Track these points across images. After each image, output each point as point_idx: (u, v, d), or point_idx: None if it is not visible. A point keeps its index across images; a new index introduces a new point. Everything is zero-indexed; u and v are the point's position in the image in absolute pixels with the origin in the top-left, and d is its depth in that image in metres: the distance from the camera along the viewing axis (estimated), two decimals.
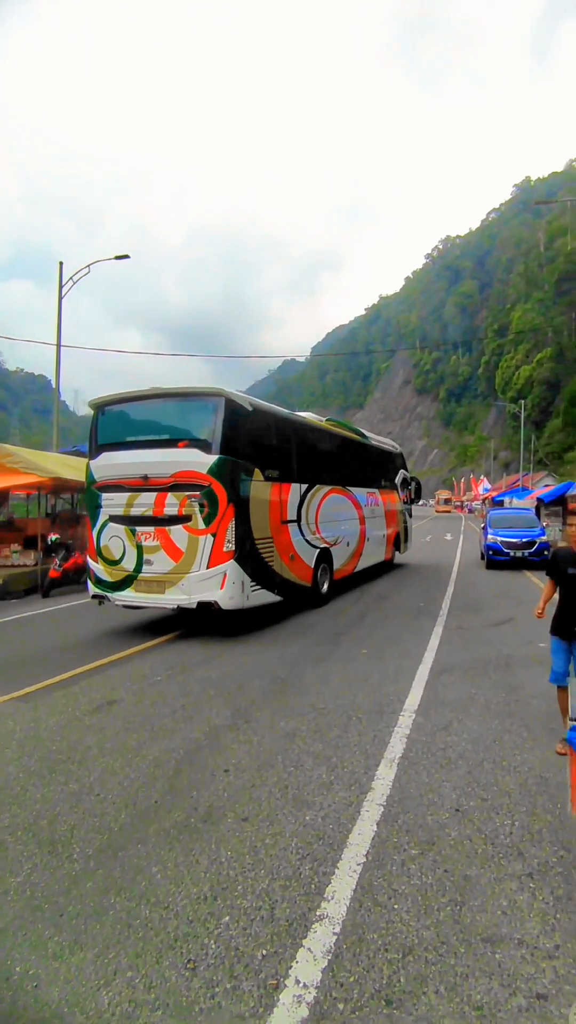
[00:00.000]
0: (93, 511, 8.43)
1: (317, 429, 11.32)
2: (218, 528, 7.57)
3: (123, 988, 2.14)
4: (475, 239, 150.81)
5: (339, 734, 4.61)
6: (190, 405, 8.27)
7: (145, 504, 7.88)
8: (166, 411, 8.42)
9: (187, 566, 7.67)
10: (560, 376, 67.74)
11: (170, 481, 7.73)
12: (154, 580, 7.87)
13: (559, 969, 2.24)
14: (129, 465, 8.06)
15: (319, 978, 2.19)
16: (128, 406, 8.68)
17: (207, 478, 7.58)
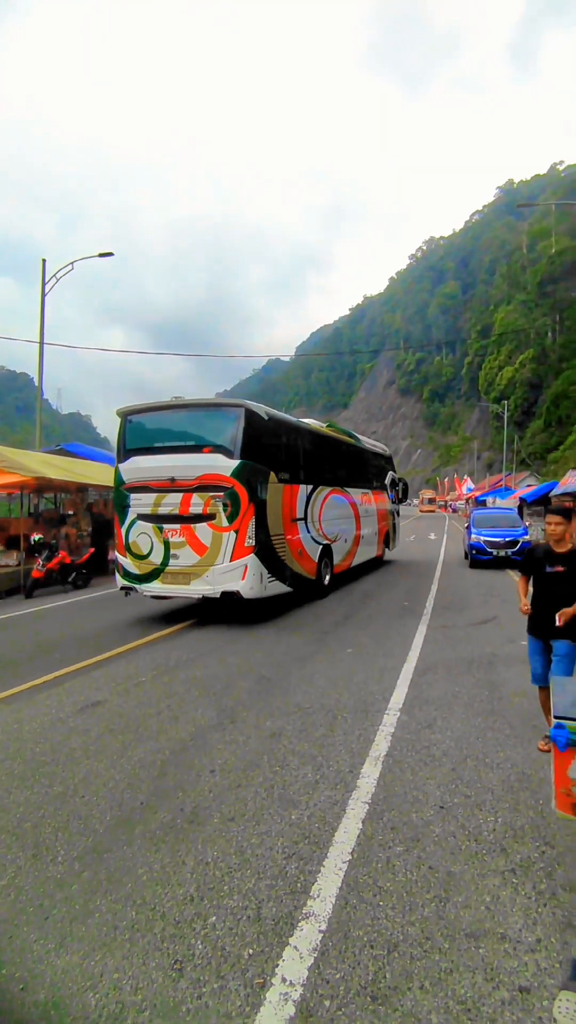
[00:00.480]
0: (121, 510, 9.11)
1: (321, 435, 12.09)
2: (240, 525, 8.33)
3: (110, 989, 2.14)
4: (459, 240, 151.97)
5: (324, 733, 4.63)
6: (214, 415, 9.15)
7: (172, 504, 8.63)
8: (191, 420, 9.19)
9: (211, 560, 8.40)
10: (542, 377, 68.53)
11: (196, 483, 8.48)
12: (180, 572, 8.58)
13: (541, 962, 2.28)
14: (157, 468, 8.79)
15: (305, 976, 2.20)
16: (154, 415, 9.47)
17: (230, 480, 8.34)
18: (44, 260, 19.88)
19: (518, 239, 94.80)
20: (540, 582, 4.35)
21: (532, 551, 4.48)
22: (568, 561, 4.23)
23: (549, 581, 4.28)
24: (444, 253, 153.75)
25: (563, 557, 4.25)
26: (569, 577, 4.19)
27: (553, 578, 4.25)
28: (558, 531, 4.27)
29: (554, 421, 59.29)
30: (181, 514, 8.57)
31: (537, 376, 69.66)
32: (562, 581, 4.20)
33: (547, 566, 4.28)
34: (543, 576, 4.31)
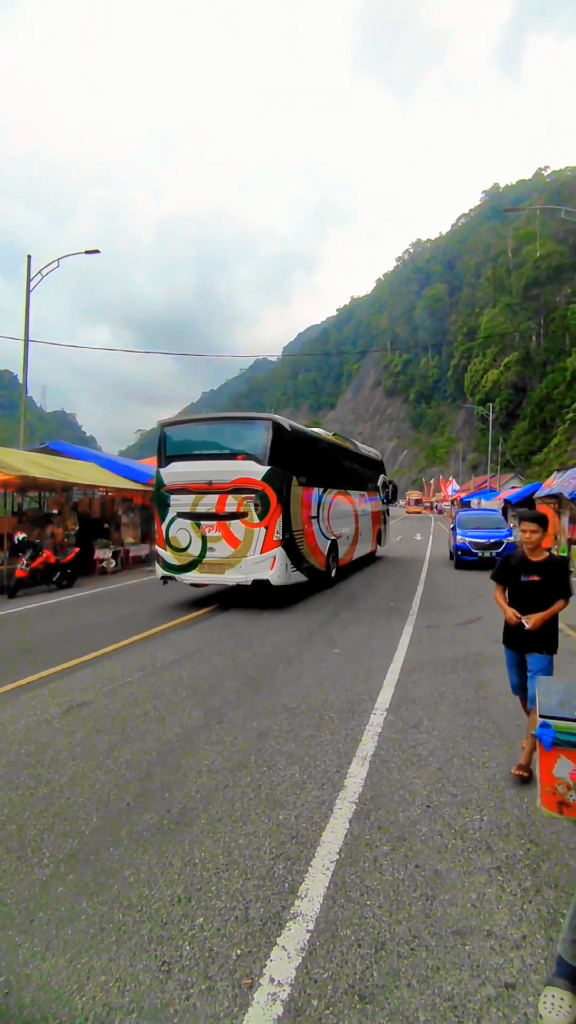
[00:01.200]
0: (162, 509, 10.29)
1: (331, 444, 13.81)
2: (269, 523, 9.64)
3: (96, 992, 2.12)
4: (445, 243, 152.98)
5: (311, 733, 4.64)
6: (246, 427, 10.44)
7: (209, 504, 9.85)
8: (225, 431, 10.60)
9: (244, 552, 9.67)
10: (527, 380, 69.26)
11: (231, 486, 9.74)
12: (216, 563, 9.81)
13: (526, 958, 2.30)
14: (195, 473, 10.01)
15: (293, 976, 2.20)
16: (192, 426, 11.06)
17: (261, 484, 9.64)
18: (29, 256, 19.69)
19: (503, 243, 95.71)
20: (515, 592, 4.11)
21: (507, 560, 4.23)
22: (544, 570, 4.00)
23: (524, 591, 4.04)
24: (431, 256, 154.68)
25: (539, 566, 4.01)
26: (545, 587, 3.98)
27: (528, 588, 4.03)
28: (533, 539, 4.00)
29: (538, 424, 59.96)
30: (217, 512, 9.80)
31: (522, 379, 70.39)
32: (538, 591, 3.99)
33: (522, 575, 4.05)
34: (518, 586, 4.08)
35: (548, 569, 4.00)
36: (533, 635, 3.97)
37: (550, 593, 3.96)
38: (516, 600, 4.09)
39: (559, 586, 3.96)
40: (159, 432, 10.80)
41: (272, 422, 10.02)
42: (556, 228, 73.04)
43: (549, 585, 3.97)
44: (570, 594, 3.93)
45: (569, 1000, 2.02)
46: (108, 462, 18.65)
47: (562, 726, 2.50)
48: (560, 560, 4.11)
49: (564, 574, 4.00)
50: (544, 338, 69.65)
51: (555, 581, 3.97)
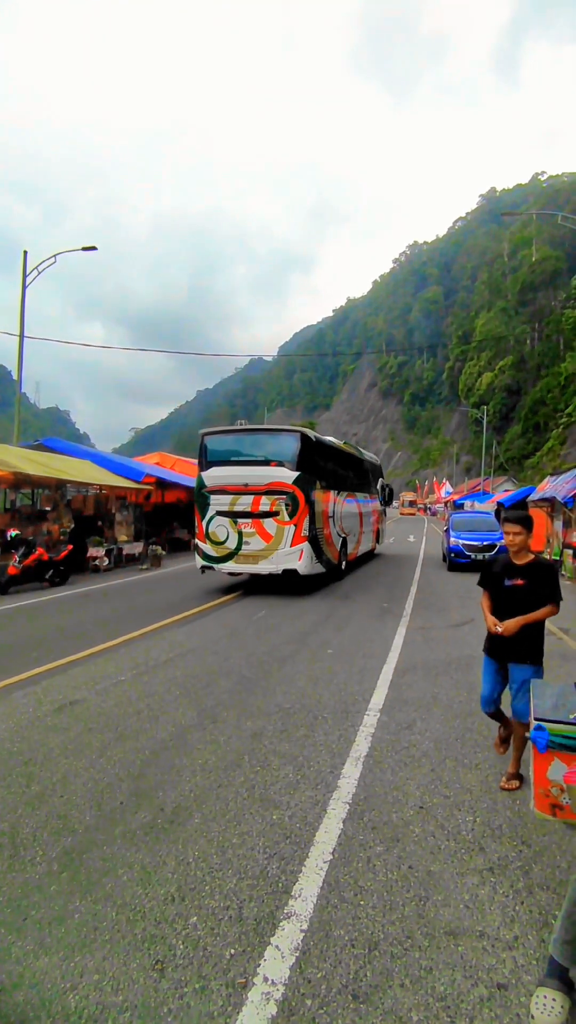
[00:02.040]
0: (203, 507, 11.61)
1: (345, 452, 15.68)
2: (298, 521, 11.05)
3: (90, 991, 2.12)
4: (441, 246, 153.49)
5: (305, 733, 4.64)
6: (278, 437, 12.00)
7: (245, 503, 11.20)
8: (260, 441, 12.14)
9: (276, 546, 11.06)
10: (521, 384, 69.58)
11: (264, 488, 11.10)
12: (250, 555, 11.21)
13: (519, 959, 2.32)
14: (233, 476, 11.35)
15: (287, 975, 2.21)
16: (230, 436, 12.49)
17: (291, 487, 11.04)
18: (26, 252, 19.60)
19: (500, 247, 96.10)
20: (499, 598, 3.90)
21: (491, 564, 4.04)
22: (528, 574, 3.78)
23: (508, 596, 3.82)
24: (427, 258, 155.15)
25: (523, 570, 3.80)
26: (530, 592, 3.75)
27: (513, 593, 3.81)
28: (517, 541, 3.78)
29: (532, 427, 60.24)
30: (252, 511, 11.16)
31: (516, 382, 70.72)
32: (523, 596, 3.77)
33: (506, 580, 3.83)
34: (502, 591, 3.86)
35: (534, 573, 3.79)
36: (514, 643, 3.77)
37: (536, 598, 3.74)
38: (501, 606, 3.87)
39: (546, 590, 3.74)
40: (200, 440, 12.20)
41: (301, 434, 11.64)
42: (552, 233, 73.42)
43: (535, 590, 3.75)
44: (558, 599, 3.74)
45: (561, 1000, 2.03)
46: (102, 459, 18.60)
47: (556, 729, 2.53)
48: (547, 563, 3.90)
49: (551, 577, 3.79)
50: (539, 342, 70.00)
51: (541, 585, 3.76)
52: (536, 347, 70.02)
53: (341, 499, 13.99)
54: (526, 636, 3.76)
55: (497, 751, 4.21)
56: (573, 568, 15.27)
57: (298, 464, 11.23)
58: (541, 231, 77.66)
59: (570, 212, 35.41)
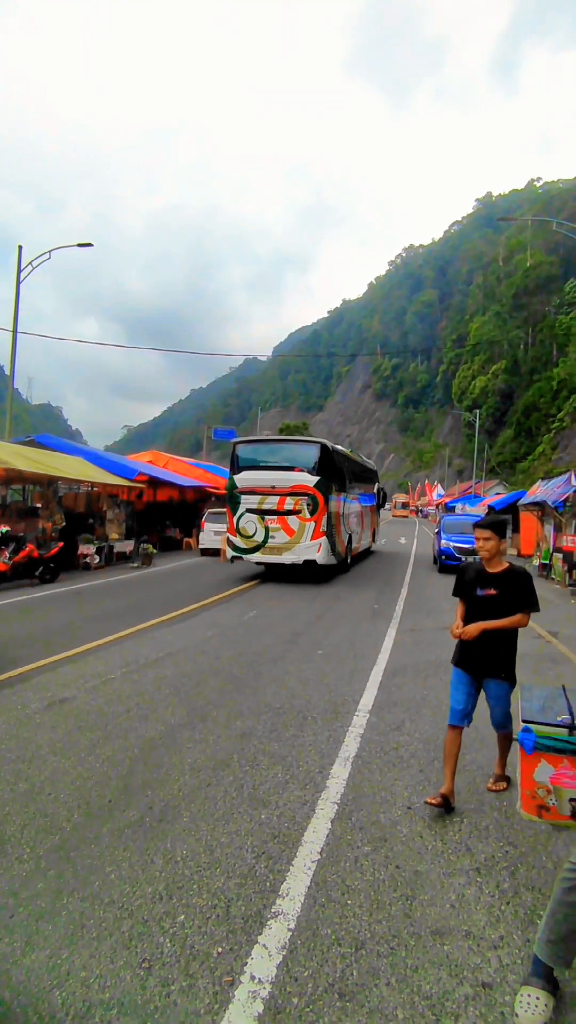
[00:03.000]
0: (234, 505, 13.37)
1: (353, 459, 17.88)
2: (317, 519, 12.88)
3: (77, 988, 2.12)
4: (437, 249, 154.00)
5: (295, 733, 4.66)
6: (301, 447, 14.16)
7: (271, 503, 13.05)
8: (285, 450, 14.26)
9: (297, 540, 12.86)
10: (514, 388, 69.96)
11: (289, 490, 12.95)
12: (275, 548, 13.01)
13: (503, 958, 2.34)
14: (261, 479, 13.21)
15: (274, 973, 2.22)
16: (259, 445, 14.88)
17: (312, 489, 12.92)
18: (20, 247, 19.50)
19: (495, 251, 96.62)
20: (471, 608, 3.69)
21: (463, 571, 3.82)
22: (501, 583, 3.58)
23: (481, 607, 3.61)
24: (423, 261, 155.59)
25: (497, 579, 3.60)
26: (503, 602, 3.55)
27: (485, 603, 3.60)
28: (488, 547, 3.58)
29: (524, 431, 60.57)
30: (278, 509, 13.00)
31: (508, 387, 71.10)
32: (495, 606, 3.56)
33: (478, 589, 3.63)
34: (474, 601, 3.66)
35: (508, 582, 3.57)
36: (487, 656, 3.57)
37: (510, 609, 3.53)
38: (473, 617, 3.65)
39: (521, 600, 3.53)
40: (232, 448, 14.16)
41: (321, 444, 13.71)
42: (547, 239, 73.88)
43: (508, 599, 3.54)
44: (532, 609, 3.53)
45: (545, 999, 2.05)
46: (95, 457, 18.53)
47: (543, 731, 2.55)
48: (521, 571, 3.62)
49: (525, 587, 3.55)
50: (532, 347, 70.41)
51: (515, 594, 3.54)
52: (529, 352, 70.43)
53: (349, 500, 15.90)
54: (499, 648, 3.57)
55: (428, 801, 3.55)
56: (563, 572, 15.37)
57: (318, 470, 13.12)
58: (536, 237, 78.14)
59: (565, 218, 35.68)
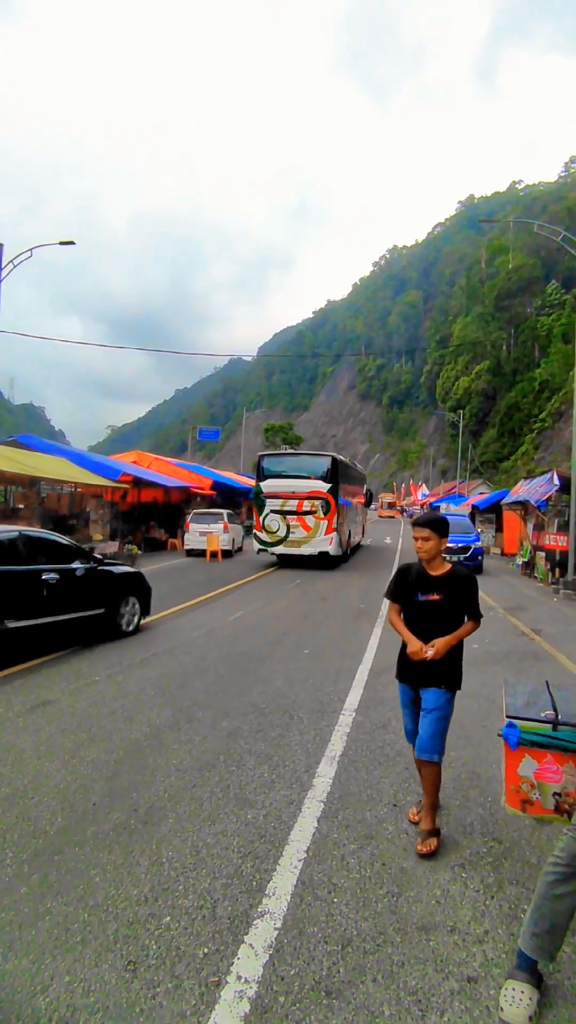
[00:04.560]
0: (260, 507, 16.44)
1: (352, 467, 21.76)
2: (329, 518, 16.06)
3: (61, 993, 2.09)
4: (421, 251, 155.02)
5: (281, 733, 4.65)
6: (316, 459, 17.52)
7: (292, 505, 16.15)
8: (303, 461, 17.97)
9: (313, 535, 16.03)
10: (497, 388, 70.61)
11: (307, 495, 16.14)
12: (295, 542, 16.12)
13: (488, 953, 2.36)
14: (284, 486, 16.34)
15: (260, 973, 2.21)
16: (281, 458, 18.28)
17: (326, 494, 16.15)
18: (1, 245, 19.25)
19: (477, 253, 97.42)
20: (412, 614, 3.28)
21: (402, 574, 3.40)
22: (445, 587, 3.20)
23: (422, 613, 3.23)
24: (407, 263, 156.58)
25: (439, 582, 3.22)
26: (447, 607, 3.19)
27: (427, 609, 3.21)
28: (427, 547, 3.19)
29: (507, 432, 61.17)
30: (297, 510, 16.11)
31: (492, 387, 71.74)
32: (438, 613, 3.19)
33: (419, 594, 3.24)
34: (415, 607, 3.27)
35: (451, 585, 3.21)
36: (433, 666, 3.16)
37: (455, 615, 3.19)
38: (414, 624, 3.26)
39: (465, 606, 3.21)
40: (257, 460, 17.60)
41: (332, 457, 17.07)
42: (528, 241, 74.71)
43: (453, 605, 3.19)
44: (479, 615, 3.23)
45: (529, 993, 2.07)
46: (78, 457, 18.36)
47: (527, 726, 2.58)
48: (465, 574, 3.28)
49: (471, 591, 3.23)
50: (514, 348, 71.16)
51: (460, 599, 3.20)
52: (512, 353, 71.17)
53: (349, 502, 19.11)
54: (447, 657, 3.18)
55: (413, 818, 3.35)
56: (546, 570, 15.55)
57: (329, 478, 16.36)
58: (518, 239, 78.97)
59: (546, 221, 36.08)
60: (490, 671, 6.56)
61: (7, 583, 6.26)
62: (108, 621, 7.63)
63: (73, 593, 7.00)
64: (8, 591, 6.23)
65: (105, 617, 7.55)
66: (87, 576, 7.23)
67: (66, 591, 6.86)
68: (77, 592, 7.07)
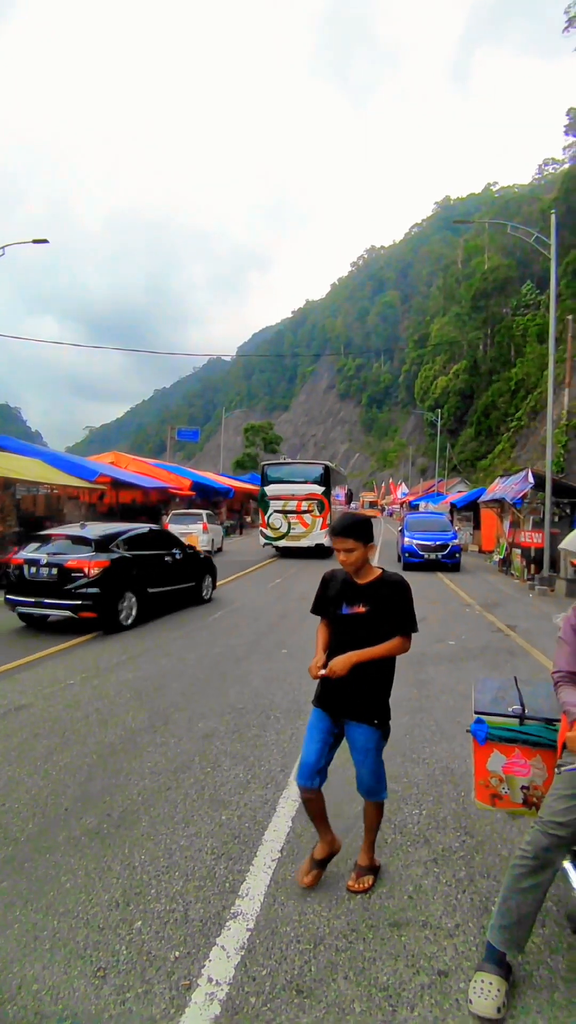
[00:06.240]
0: (265, 507, 19.73)
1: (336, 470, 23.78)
2: (323, 516, 19.04)
3: (28, 1001, 2.06)
4: (398, 251, 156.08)
5: (257, 733, 4.65)
6: (311, 467, 21.06)
7: (292, 505, 19.29)
8: (300, 469, 21.25)
9: (310, 530, 19.03)
10: (474, 388, 71.34)
11: (304, 497, 19.26)
12: (295, 536, 19.22)
13: (459, 946, 2.38)
14: (285, 489, 19.54)
15: (232, 974, 2.20)
16: (281, 466, 21.63)
17: (320, 496, 19.33)
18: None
19: (454, 254, 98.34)
20: (336, 629, 2.80)
21: (324, 584, 2.94)
22: (373, 597, 2.71)
23: (347, 628, 2.74)
24: (384, 263, 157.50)
25: (366, 591, 2.73)
26: (375, 621, 2.68)
27: (353, 623, 2.72)
28: (352, 559, 2.70)
29: (484, 431, 61.81)
30: (297, 510, 19.24)
31: (469, 387, 72.44)
32: (365, 627, 2.69)
33: (344, 606, 2.75)
34: (338, 621, 2.78)
35: (380, 594, 2.71)
36: (350, 691, 2.69)
37: (385, 630, 2.68)
38: (339, 641, 2.76)
39: (396, 618, 2.69)
40: (262, 469, 21.18)
41: (325, 465, 20.84)
42: (503, 242, 75.66)
43: (382, 618, 2.68)
44: (410, 629, 2.73)
45: (498, 984, 2.10)
46: (54, 458, 18.12)
47: (495, 722, 2.61)
48: (396, 580, 2.76)
49: (402, 601, 2.71)
50: (490, 348, 71.96)
51: (390, 611, 2.69)
52: (488, 352, 71.97)
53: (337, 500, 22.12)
54: (368, 682, 2.70)
55: (302, 882, 2.73)
56: (522, 567, 15.77)
57: (323, 482, 19.71)
58: (493, 240, 79.91)
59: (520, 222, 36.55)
60: (465, 667, 6.63)
61: (148, 562, 9.14)
62: (196, 591, 10.57)
63: (178, 571, 9.93)
64: (148, 568, 9.09)
65: (194, 589, 10.50)
66: (184, 559, 10.12)
67: (175, 569, 9.82)
68: (180, 570, 9.99)
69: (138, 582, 8.79)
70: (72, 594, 7.93)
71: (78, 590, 7.93)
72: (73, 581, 7.94)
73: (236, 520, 33.61)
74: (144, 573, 8.93)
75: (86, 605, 7.97)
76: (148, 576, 9.00)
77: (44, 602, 8.04)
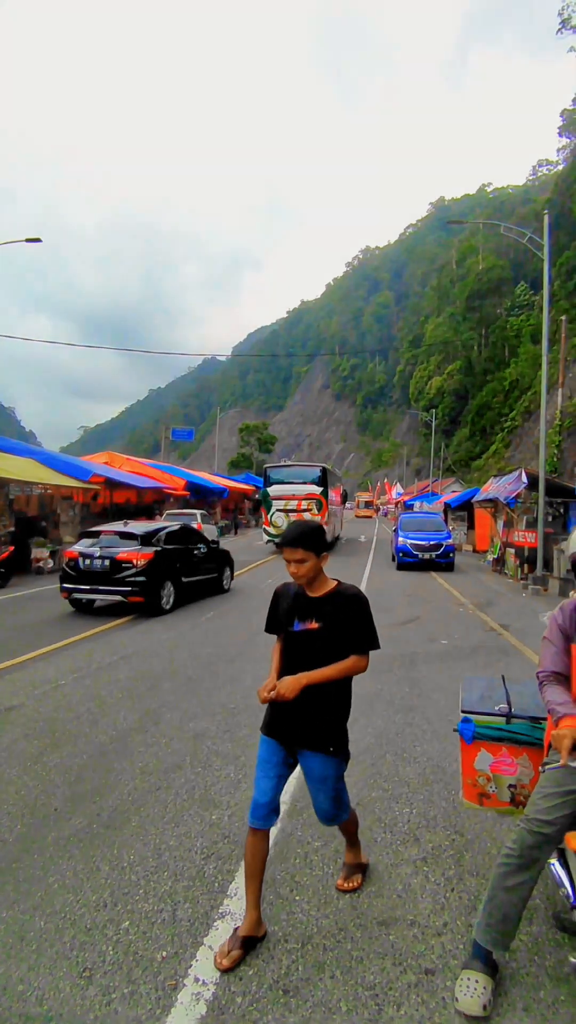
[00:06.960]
0: (268, 507, 21.19)
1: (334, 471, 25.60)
2: (322, 514, 20.25)
3: (13, 1002, 2.05)
4: (393, 252, 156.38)
5: (248, 733, 4.64)
6: (310, 469, 22.50)
7: (292, 504, 20.68)
8: (300, 471, 22.46)
9: None
10: (468, 388, 71.49)
11: (304, 497, 20.74)
12: None
13: (446, 945, 2.38)
14: (286, 490, 21.04)
15: (218, 975, 2.20)
16: (282, 468, 23.46)
17: (319, 495, 20.85)
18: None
19: (448, 254, 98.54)
20: (288, 646, 2.54)
21: (277, 598, 2.66)
22: (326, 612, 2.45)
23: (300, 645, 2.48)
24: (379, 263, 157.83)
25: (319, 605, 2.46)
26: (329, 638, 2.42)
27: (305, 641, 2.46)
28: (303, 571, 2.42)
29: (478, 431, 61.96)
30: (297, 508, 20.49)
31: (463, 387, 72.61)
32: (319, 645, 2.43)
33: (296, 622, 2.49)
34: (291, 638, 2.52)
35: (334, 609, 2.45)
36: (303, 717, 2.43)
37: (339, 647, 2.41)
38: (291, 660, 2.49)
39: (353, 634, 2.43)
40: (264, 471, 22.85)
41: (322, 467, 22.32)
42: (497, 243, 75.81)
43: (337, 634, 2.42)
44: (367, 647, 2.45)
45: (484, 982, 2.10)
46: (48, 458, 18.05)
47: (482, 720, 2.61)
48: (352, 593, 2.49)
49: (359, 615, 2.45)
50: (485, 348, 72.15)
51: (345, 626, 2.42)
52: (483, 353, 72.15)
53: (332, 500, 23.17)
54: (321, 708, 2.44)
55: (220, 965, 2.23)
56: (515, 567, 15.81)
57: (321, 483, 21.16)
58: (487, 240, 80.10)
59: (514, 223, 36.68)
60: (458, 667, 6.64)
61: (182, 555, 10.36)
62: (217, 582, 11.69)
63: (204, 563, 11.10)
64: (182, 560, 10.33)
65: (216, 579, 11.61)
66: (208, 552, 11.25)
67: (202, 561, 10.99)
68: (206, 562, 11.14)
69: (175, 573, 10.03)
70: (124, 582, 9.17)
71: (128, 579, 9.18)
72: (123, 571, 9.17)
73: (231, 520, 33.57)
74: (179, 565, 10.18)
75: (135, 591, 9.21)
76: (182, 567, 10.28)
77: (99, 589, 9.31)
